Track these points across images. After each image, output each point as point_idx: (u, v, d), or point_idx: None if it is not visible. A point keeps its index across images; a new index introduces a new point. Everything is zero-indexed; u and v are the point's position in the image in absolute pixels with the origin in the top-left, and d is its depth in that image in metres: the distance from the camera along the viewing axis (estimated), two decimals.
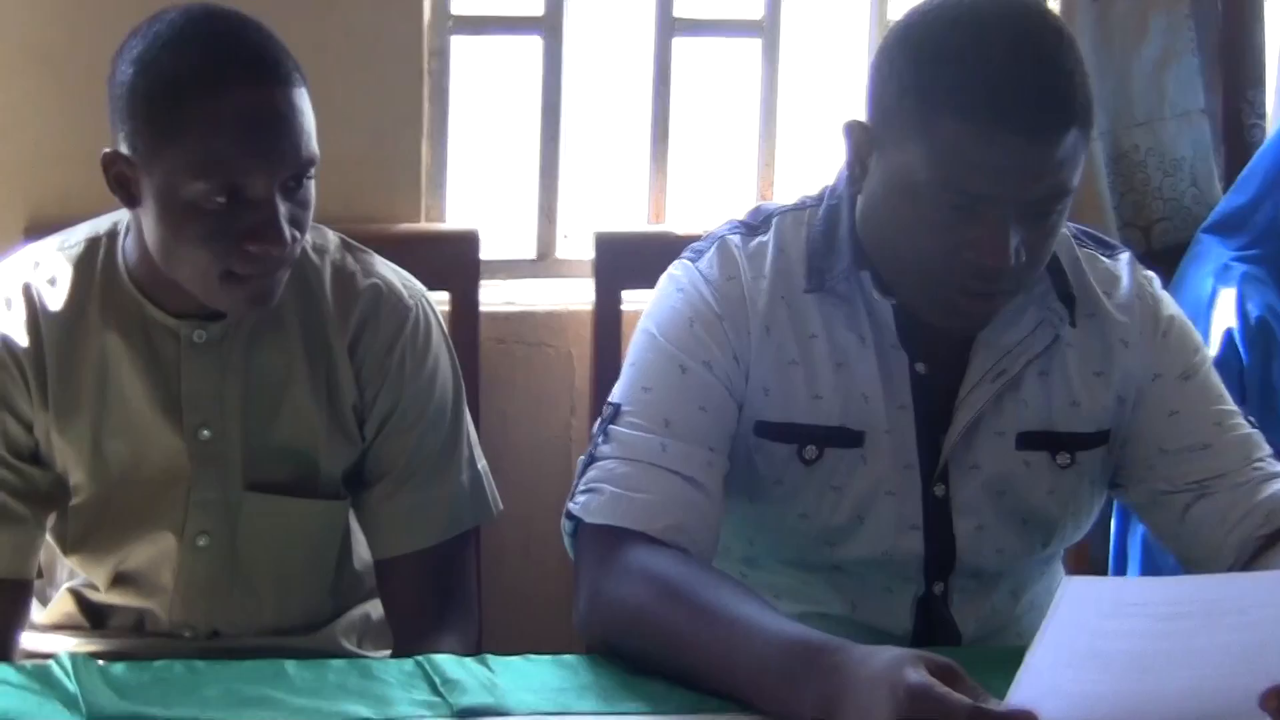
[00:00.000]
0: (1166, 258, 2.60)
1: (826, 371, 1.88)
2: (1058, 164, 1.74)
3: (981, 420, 1.90)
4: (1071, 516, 1.96)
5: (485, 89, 3.12)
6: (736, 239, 1.93)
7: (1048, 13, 1.88)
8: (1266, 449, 1.93)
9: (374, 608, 2.07)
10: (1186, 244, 2.59)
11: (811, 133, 2.91)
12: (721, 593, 1.68)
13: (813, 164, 2.69)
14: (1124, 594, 1.41)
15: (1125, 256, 2.00)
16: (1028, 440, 1.91)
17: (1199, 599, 1.43)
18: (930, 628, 1.91)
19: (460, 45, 2.72)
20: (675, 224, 2.78)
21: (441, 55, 2.69)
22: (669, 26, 2.77)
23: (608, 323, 2.55)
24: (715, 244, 1.93)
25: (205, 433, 1.93)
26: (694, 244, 1.96)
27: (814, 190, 1.97)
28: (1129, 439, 1.94)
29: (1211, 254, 2.49)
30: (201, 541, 1.95)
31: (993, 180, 1.73)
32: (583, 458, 1.86)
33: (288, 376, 1.95)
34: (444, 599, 2.00)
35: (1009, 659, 1.45)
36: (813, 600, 1.93)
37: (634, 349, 1.91)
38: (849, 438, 1.89)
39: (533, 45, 2.75)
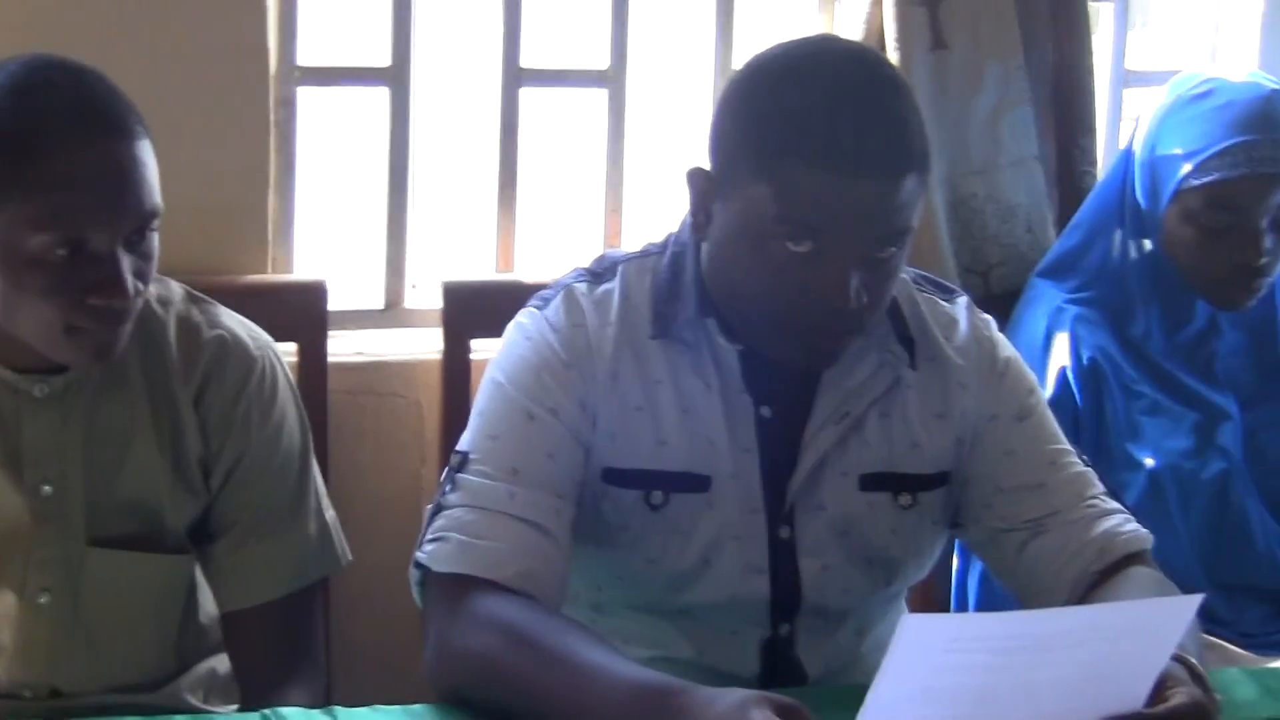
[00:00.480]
0: (1005, 302, 2.64)
1: (672, 417, 1.90)
2: (897, 208, 1.78)
3: (826, 462, 1.93)
4: (914, 556, 2.00)
5: (333, 139, 3.12)
6: (582, 287, 1.95)
7: (885, 62, 1.92)
8: (1099, 487, 1.98)
9: (220, 662, 2.05)
10: (1024, 288, 2.64)
11: (658, 180, 2.93)
12: (570, 639, 1.69)
13: (660, 211, 2.71)
14: (961, 630, 1.44)
15: (963, 300, 2.04)
16: (871, 481, 1.95)
17: (1035, 633, 1.46)
18: (777, 669, 1.94)
19: (307, 96, 2.71)
20: (523, 273, 2.79)
21: (288, 106, 2.68)
22: (516, 77, 2.78)
23: (456, 372, 2.55)
24: (561, 292, 1.95)
25: (46, 489, 1.90)
26: (541, 292, 1.98)
27: (659, 238, 2.00)
28: (968, 479, 1.98)
29: (1045, 297, 2.54)
30: (42, 599, 1.92)
31: (833, 223, 1.77)
32: (430, 506, 1.86)
33: (131, 430, 1.93)
34: (291, 651, 1.99)
35: (854, 697, 1.47)
36: (661, 645, 1.94)
37: (481, 397, 1.92)
38: (695, 483, 1.91)
39: (380, 96, 2.75)
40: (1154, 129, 2.46)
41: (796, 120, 1.77)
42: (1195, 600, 1.53)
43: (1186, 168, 2.39)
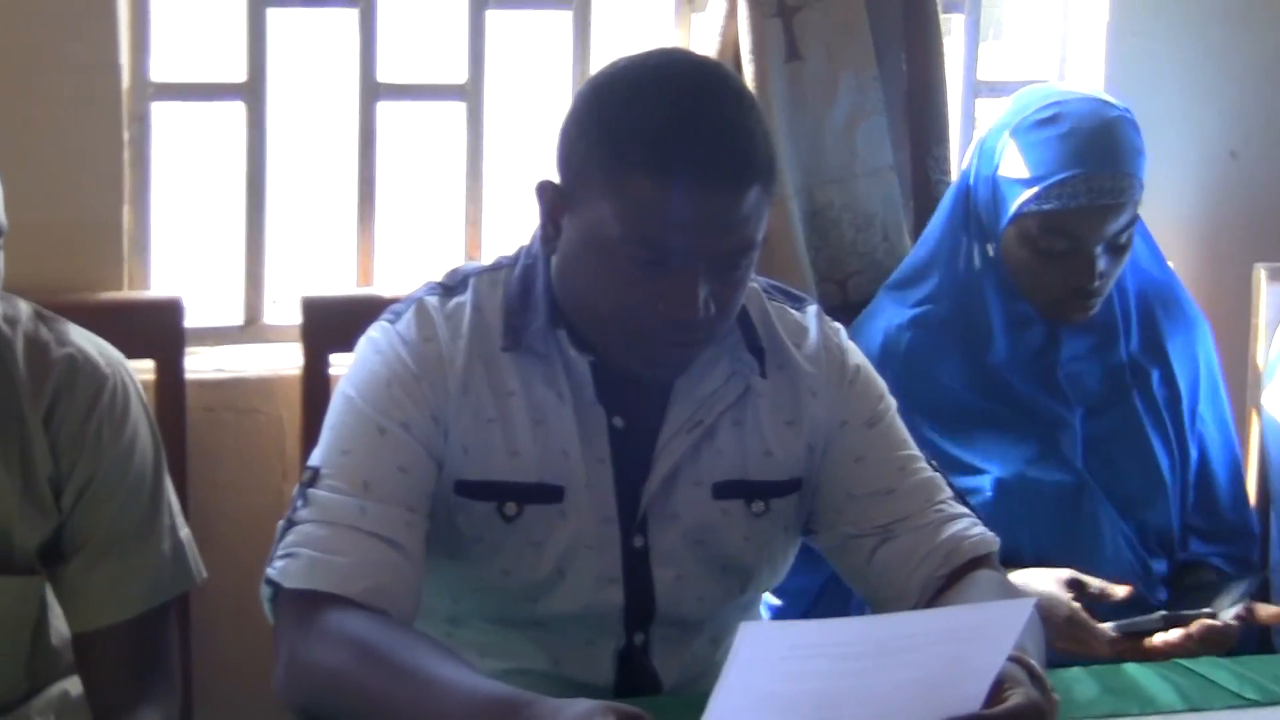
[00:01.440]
0: (863, 309, 2.67)
1: (525, 429, 1.91)
2: (743, 219, 1.80)
3: (679, 471, 1.94)
4: (768, 563, 2.02)
5: (190, 155, 3.10)
6: (434, 300, 1.95)
7: (730, 75, 1.94)
8: (947, 491, 2.01)
9: (73, 684, 2.03)
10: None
11: (518, 193, 2.94)
12: (418, 653, 1.69)
13: (519, 224, 2.72)
14: (800, 637, 1.46)
15: (813, 309, 2.07)
16: (723, 489, 1.96)
17: (873, 639, 1.48)
18: (632, 678, 1.95)
19: (162, 111, 2.70)
20: (383, 287, 2.79)
21: (142, 121, 2.67)
22: (373, 91, 2.78)
23: (317, 387, 2.54)
24: (413, 306, 1.95)
25: None
26: (392, 306, 1.98)
27: (511, 251, 2.01)
28: (819, 485, 2.01)
29: (884, 312, 2.56)
30: None
31: (680, 234, 1.79)
32: (281, 522, 1.85)
33: None
34: (145, 671, 1.97)
35: (705, 705, 1.48)
36: (516, 657, 1.95)
37: (332, 412, 1.92)
38: (548, 493, 1.92)
39: (236, 111, 2.74)
40: (998, 147, 2.48)
41: (642, 134, 1.78)
42: (1029, 603, 1.56)
43: (1027, 194, 2.42)
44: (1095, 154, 2.41)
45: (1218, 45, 3.07)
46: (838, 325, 2.08)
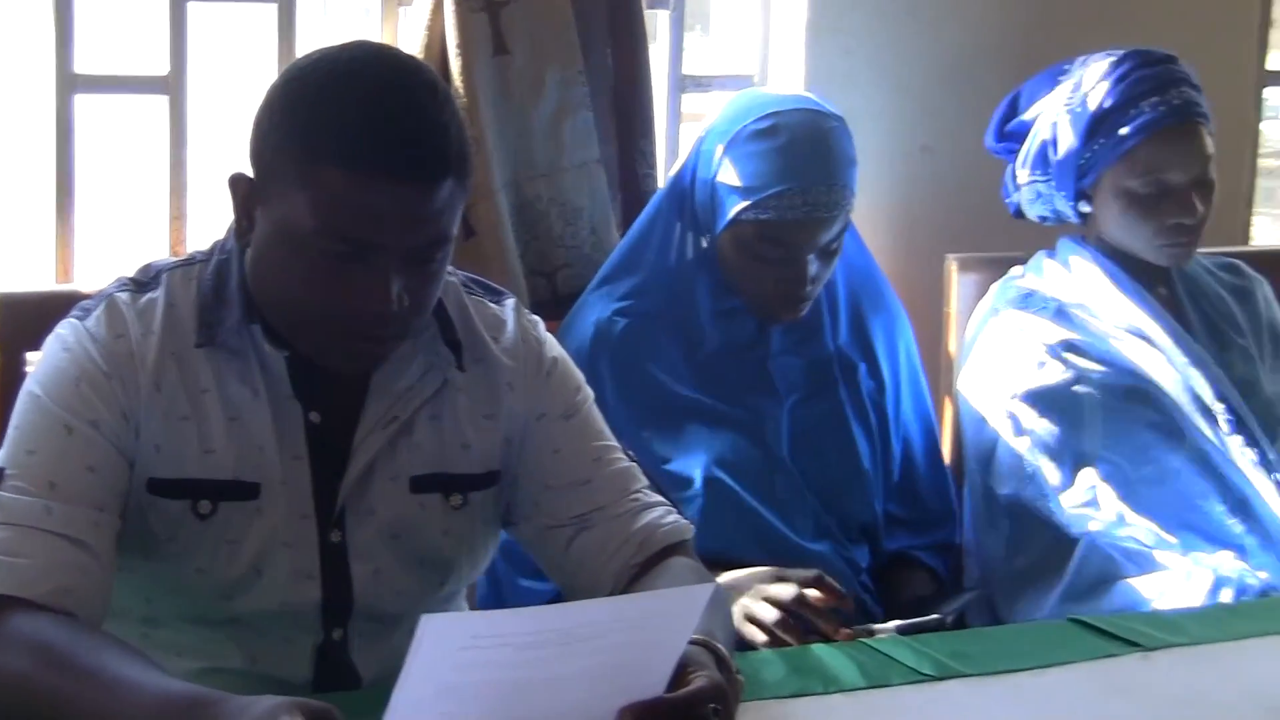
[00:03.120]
0: (572, 302, 2.70)
1: (219, 426, 1.89)
2: (436, 212, 1.81)
3: (376, 465, 1.94)
4: (467, 556, 2.03)
5: None
6: (125, 296, 1.92)
7: (424, 69, 1.94)
8: (643, 481, 2.04)
9: None
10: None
11: (223, 187, 2.90)
12: (104, 655, 1.66)
13: (225, 218, 2.69)
14: (482, 627, 1.47)
15: (510, 302, 2.08)
16: (421, 483, 1.97)
17: (555, 627, 1.50)
18: (331, 674, 1.94)
19: None
20: (84, 283, 2.72)
21: None
22: (69, 83, 2.72)
23: (12, 387, 2.46)
24: (103, 302, 1.92)
25: None
26: (82, 303, 1.94)
27: (207, 245, 1.99)
28: (517, 478, 2.02)
29: (596, 305, 2.60)
30: None
31: (372, 228, 1.79)
32: None
33: None
34: None
35: None
36: (213, 656, 1.93)
37: (18, 411, 1.88)
38: (244, 490, 1.90)
39: None
40: (717, 154, 2.52)
41: (333, 127, 1.78)
42: (708, 588, 1.60)
43: (744, 204, 2.47)
44: (811, 167, 2.46)
45: (910, 43, 3.17)
46: (536, 319, 2.10)
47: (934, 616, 2.27)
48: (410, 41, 2.79)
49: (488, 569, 2.44)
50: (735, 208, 2.48)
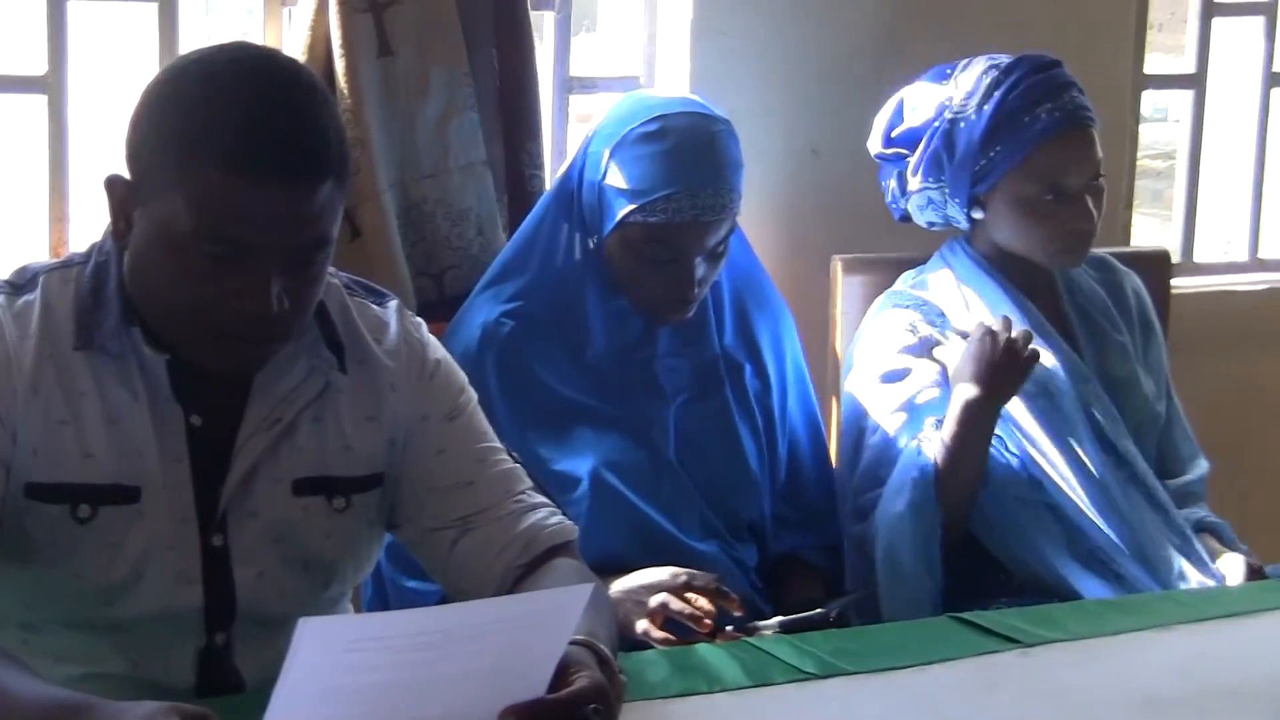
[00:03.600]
0: (459, 304, 2.69)
1: (98, 429, 1.88)
2: (315, 214, 1.81)
3: (259, 468, 1.93)
4: (351, 558, 2.02)
5: None
6: (1, 299, 1.90)
7: (302, 70, 1.93)
8: (527, 482, 2.04)
9: None
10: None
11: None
12: None
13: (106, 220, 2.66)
14: (361, 630, 1.47)
15: (393, 304, 2.08)
16: (304, 486, 1.96)
17: (436, 629, 1.50)
18: (214, 678, 1.93)
19: None
20: None
21: None
22: None
23: None
24: None
25: None
26: None
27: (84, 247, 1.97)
28: (401, 480, 2.02)
29: (482, 308, 2.59)
30: None
31: (251, 230, 1.78)
32: None
33: None
34: None
35: None
36: (94, 661, 1.91)
37: None
38: (124, 494, 1.88)
39: None
40: (604, 156, 2.52)
41: (210, 128, 1.77)
42: (587, 589, 1.60)
43: (631, 206, 2.47)
44: (699, 171, 2.47)
45: (795, 45, 3.19)
46: (419, 320, 2.10)
47: (817, 611, 2.28)
48: (294, 42, 2.77)
49: (374, 572, 2.45)
50: (623, 210, 2.49)
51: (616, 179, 2.49)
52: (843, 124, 3.21)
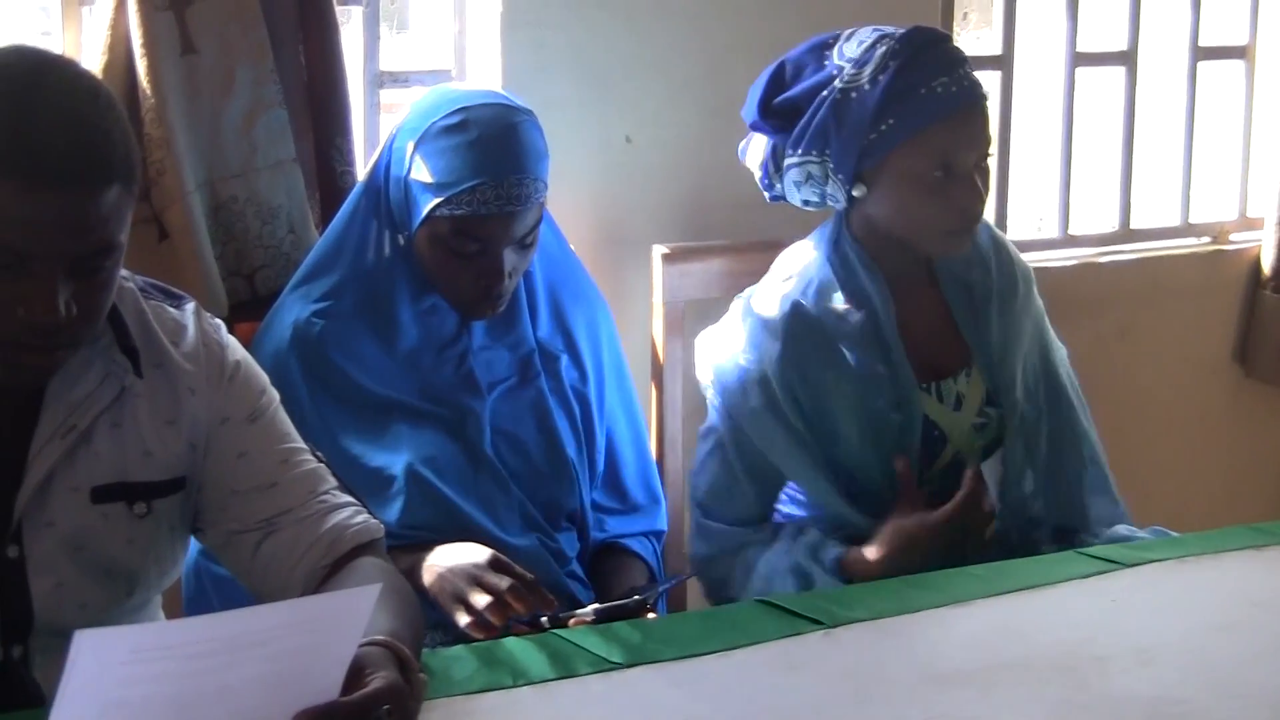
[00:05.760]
0: (272, 303, 2.67)
1: None
2: (100, 220, 1.78)
3: (55, 477, 1.91)
4: (155, 564, 2.01)
5: None
6: None
7: (83, 74, 1.90)
8: (331, 482, 2.03)
9: None
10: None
11: None
12: None
13: None
14: (141, 639, 1.45)
15: (190, 306, 2.06)
16: (103, 493, 1.94)
17: (220, 635, 1.49)
18: (11, 693, 1.90)
19: None
20: None
21: None
22: None
23: None
24: None
25: None
26: None
27: None
28: (204, 484, 2.00)
29: (293, 307, 2.57)
30: None
31: (35, 236, 1.75)
32: None
33: None
34: None
35: None
36: None
37: None
38: None
39: None
40: (408, 151, 2.52)
41: None
42: (375, 589, 1.60)
43: (437, 200, 2.47)
44: (502, 161, 2.47)
45: (607, 34, 3.19)
46: (218, 322, 2.08)
47: (633, 599, 2.30)
48: (93, 42, 2.73)
49: (194, 572, 2.43)
50: (429, 204, 2.48)
51: (421, 173, 2.49)
52: (658, 112, 3.23)
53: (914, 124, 2.56)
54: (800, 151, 2.66)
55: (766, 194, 2.80)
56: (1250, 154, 4.05)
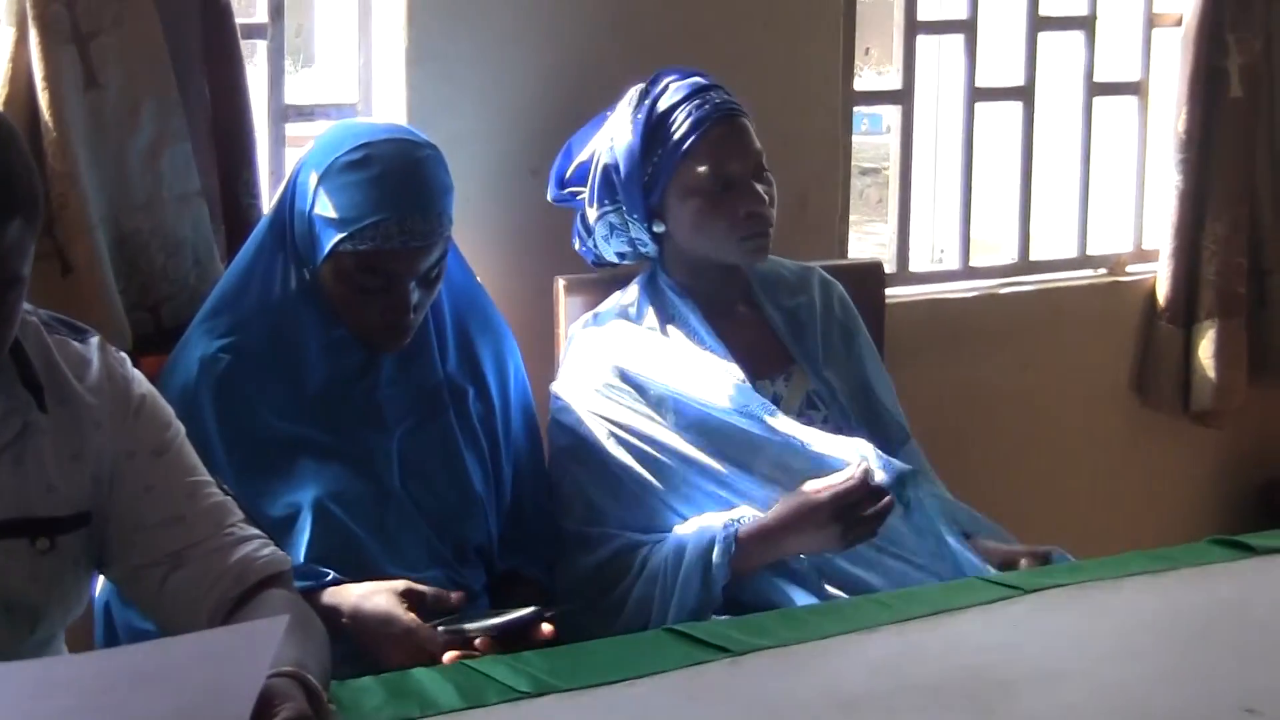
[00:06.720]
0: (177, 335, 2.66)
1: None
2: (4, 253, 1.78)
3: None
4: (59, 601, 1.99)
5: None
6: None
7: None
8: (239, 515, 2.03)
9: None
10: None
11: None
12: None
13: None
14: (41, 674, 1.45)
15: (95, 340, 2.05)
16: (5, 529, 1.93)
17: (125, 670, 1.49)
18: None
19: None
20: None
21: None
22: None
23: None
24: None
25: None
26: None
27: None
28: (109, 518, 2.00)
29: (199, 343, 2.56)
30: None
31: None
32: None
33: None
34: None
35: None
36: None
37: None
38: None
39: None
40: (311, 185, 2.52)
41: None
42: (282, 621, 1.60)
43: (340, 235, 2.47)
44: (406, 197, 2.48)
45: (512, 68, 3.21)
46: (123, 355, 2.07)
47: (531, 609, 2.31)
48: None
49: (105, 614, 2.40)
50: (332, 240, 2.48)
51: (325, 208, 2.49)
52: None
53: (678, 148, 2.77)
54: (597, 206, 2.87)
55: (588, 259, 2.99)
56: (1144, 187, 4.12)
